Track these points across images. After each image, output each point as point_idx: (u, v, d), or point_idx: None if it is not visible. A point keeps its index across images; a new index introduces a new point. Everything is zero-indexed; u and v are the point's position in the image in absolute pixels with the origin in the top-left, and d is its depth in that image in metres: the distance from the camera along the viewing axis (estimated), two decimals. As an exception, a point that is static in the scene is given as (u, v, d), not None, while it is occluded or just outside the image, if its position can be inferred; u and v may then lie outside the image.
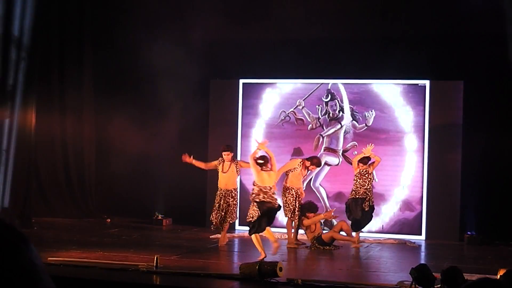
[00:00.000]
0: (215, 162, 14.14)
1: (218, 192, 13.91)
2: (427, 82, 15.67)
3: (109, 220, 17.19)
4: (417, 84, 15.79)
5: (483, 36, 15.39)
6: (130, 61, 17.38)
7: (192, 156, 14.03)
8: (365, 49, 16.09)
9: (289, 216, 13.99)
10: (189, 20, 16.71)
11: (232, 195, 13.89)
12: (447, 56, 15.71)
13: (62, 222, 15.70)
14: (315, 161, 14.41)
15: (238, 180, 14.43)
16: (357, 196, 14.03)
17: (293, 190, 14.05)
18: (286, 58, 16.20)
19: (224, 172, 13.92)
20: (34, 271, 1.33)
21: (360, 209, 13.98)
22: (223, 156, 14.01)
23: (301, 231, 14.23)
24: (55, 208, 17.34)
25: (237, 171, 13.99)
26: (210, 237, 14.77)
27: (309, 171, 14.75)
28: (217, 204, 13.83)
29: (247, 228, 12.54)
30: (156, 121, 17.08)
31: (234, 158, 14.29)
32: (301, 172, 14.20)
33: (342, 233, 14.10)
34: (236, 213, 14.12)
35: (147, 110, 17.28)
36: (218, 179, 14.05)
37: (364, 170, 14.05)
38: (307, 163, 14.25)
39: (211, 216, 13.89)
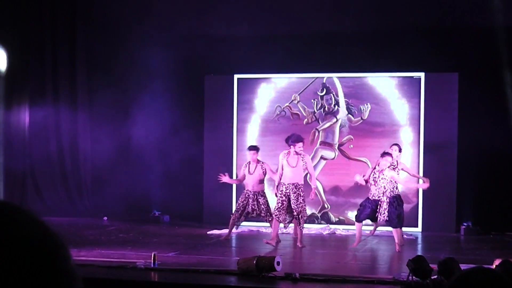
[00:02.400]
0: (242, 168, 14.25)
1: (245, 191, 13.99)
2: (422, 75, 15.69)
3: (106, 218, 17.18)
4: (412, 76, 15.81)
5: (478, 28, 15.42)
6: (124, 57, 17.38)
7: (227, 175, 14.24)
8: (360, 43, 16.09)
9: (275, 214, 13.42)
10: (183, 15, 16.70)
11: (261, 194, 13.84)
12: (442, 48, 15.73)
13: (58, 221, 15.68)
14: (293, 138, 13.37)
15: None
16: None
17: (283, 186, 13.32)
18: (281, 53, 16.20)
19: (250, 174, 13.90)
20: (69, 279, 1.34)
21: None
22: (248, 155, 14.05)
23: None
24: (51, 207, 17.32)
25: (263, 173, 13.94)
26: (208, 233, 14.80)
27: (300, 155, 13.41)
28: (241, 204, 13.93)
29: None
30: (151, 118, 17.07)
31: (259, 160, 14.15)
32: (288, 162, 13.37)
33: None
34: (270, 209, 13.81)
35: (141, 107, 17.27)
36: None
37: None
38: (290, 148, 13.36)
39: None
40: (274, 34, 16.54)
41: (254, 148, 14.11)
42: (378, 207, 12.68)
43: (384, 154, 12.91)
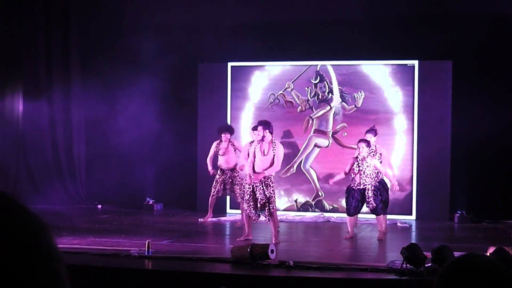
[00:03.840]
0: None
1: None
2: (415, 62, 15.67)
3: (100, 206, 17.17)
4: (406, 64, 15.79)
5: (471, 15, 15.41)
6: (118, 44, 17.33)
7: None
8: (354, 30, 16.06)
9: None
10: (177, 3, 16.65)
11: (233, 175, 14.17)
12: (436, 36, 15.70)
13: (53, 210, 15.66)
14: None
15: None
16: None
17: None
18: (275, 41, 16.18)
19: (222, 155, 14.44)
20: (51, 261, 1.32)
21: None
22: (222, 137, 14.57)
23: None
24: (46, 195, 17.29)
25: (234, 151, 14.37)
26: (199, 220, 14.80)
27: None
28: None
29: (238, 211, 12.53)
30: (144, 106, 17.02)
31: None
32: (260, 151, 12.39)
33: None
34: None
35: (135, 95, 17.22)
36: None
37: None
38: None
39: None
40: (268, 21, 16.51)
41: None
42: (365, 195, 12.65)
43: (360, 141, 12.84)
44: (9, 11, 17.19)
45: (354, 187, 12.71)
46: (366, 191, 12.59)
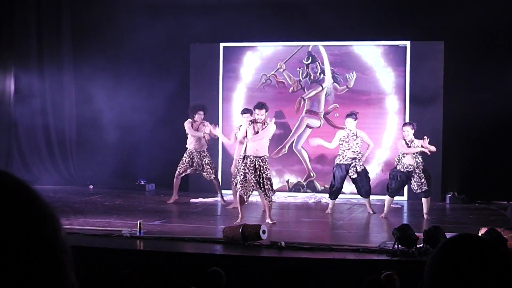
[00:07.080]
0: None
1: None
2: (407, 43, 15.65)
3: (91, 186, 17.15)
4: (398, 45, 15.77)
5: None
6: (110, 24, 17.25)
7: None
8: (346, 11, 16.01)
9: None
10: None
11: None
12: (428, 16, 15.68)
13: (44, 190, 15.62)
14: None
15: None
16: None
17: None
18: (267, 21, 16.10)
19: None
20: (56, 252, 1.30)
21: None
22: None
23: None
24: (37, 175, 17.27)
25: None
26: (191, 201, 14.81)
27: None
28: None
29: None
30: (136, 86, 16.97)
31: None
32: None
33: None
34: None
35: (127, 75, 17.17)
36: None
37: (352, 133, 13.63)
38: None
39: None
40: (260, 2, 16.43)
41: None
42: (411, 179, 12.77)
43: (405, 124, 13.08)
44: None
45: (402, 170, 12.85)
46: (414, 174, 12.86)
